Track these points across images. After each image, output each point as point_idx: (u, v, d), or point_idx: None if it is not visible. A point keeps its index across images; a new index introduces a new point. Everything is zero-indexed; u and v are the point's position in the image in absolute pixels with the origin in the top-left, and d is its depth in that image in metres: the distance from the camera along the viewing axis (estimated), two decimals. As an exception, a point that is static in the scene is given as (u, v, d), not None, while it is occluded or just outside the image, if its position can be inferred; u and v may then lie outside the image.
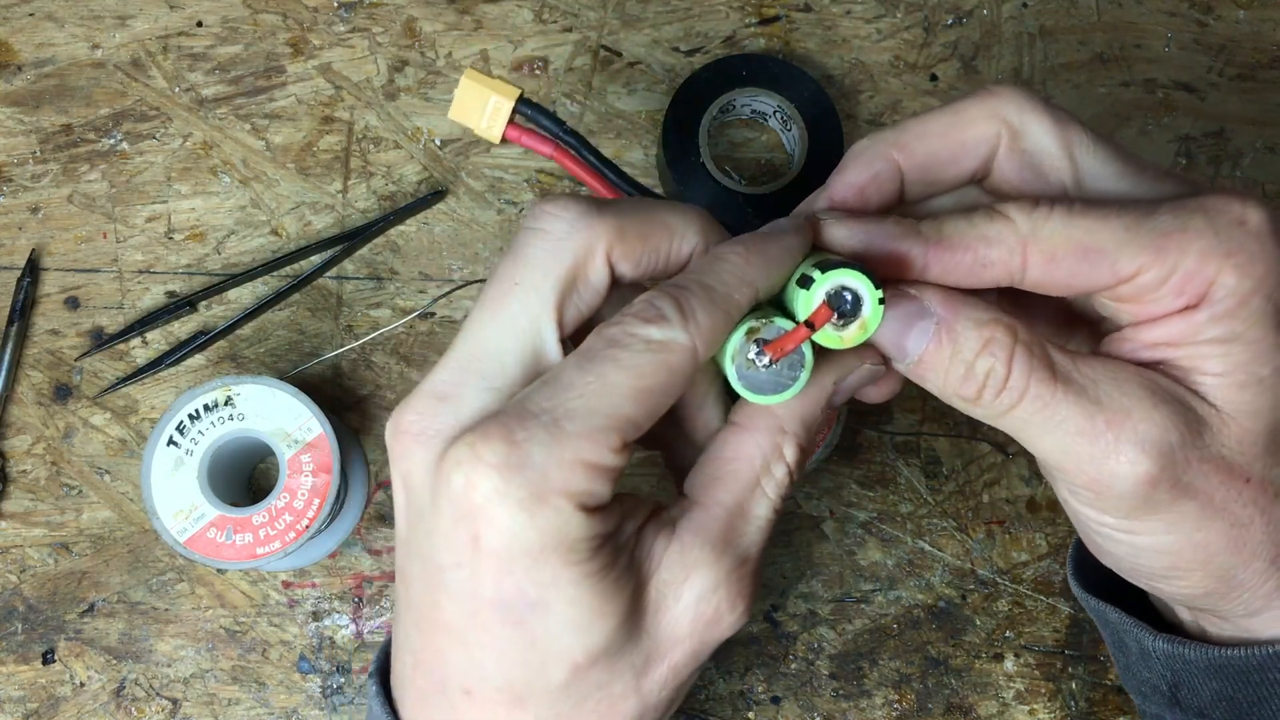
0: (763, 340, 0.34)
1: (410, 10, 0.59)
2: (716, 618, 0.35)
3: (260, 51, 0.58)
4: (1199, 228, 0.33)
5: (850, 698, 0.56)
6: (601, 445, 0.32)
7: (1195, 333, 0.34)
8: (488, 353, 0.34)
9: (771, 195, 0.55)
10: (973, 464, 0.57)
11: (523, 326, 0.34)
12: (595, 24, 0.59)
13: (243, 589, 0.55)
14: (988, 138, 0.37)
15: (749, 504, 0.36)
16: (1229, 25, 0.60)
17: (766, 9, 0.60)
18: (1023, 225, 0.34)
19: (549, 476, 0.32)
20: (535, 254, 0.34)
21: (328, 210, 0.58)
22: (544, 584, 0.33)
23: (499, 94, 0.43)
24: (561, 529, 0.32)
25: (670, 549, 0.35)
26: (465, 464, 0.32)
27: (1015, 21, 0.60)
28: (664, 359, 0.33)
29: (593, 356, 0.33)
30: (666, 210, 0.36)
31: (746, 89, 0.56)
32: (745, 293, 0.34)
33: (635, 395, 0.33)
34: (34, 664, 0.55)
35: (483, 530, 0.32)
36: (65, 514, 0.55)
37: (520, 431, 0.32)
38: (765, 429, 0.36)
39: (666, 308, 0.33)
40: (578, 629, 0.33)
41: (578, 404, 0.32)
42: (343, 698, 0.55)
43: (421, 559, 0.34)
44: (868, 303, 0.34)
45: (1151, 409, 0.34)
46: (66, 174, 0.57)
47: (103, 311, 0.57)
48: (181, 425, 0.50)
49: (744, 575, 0.36)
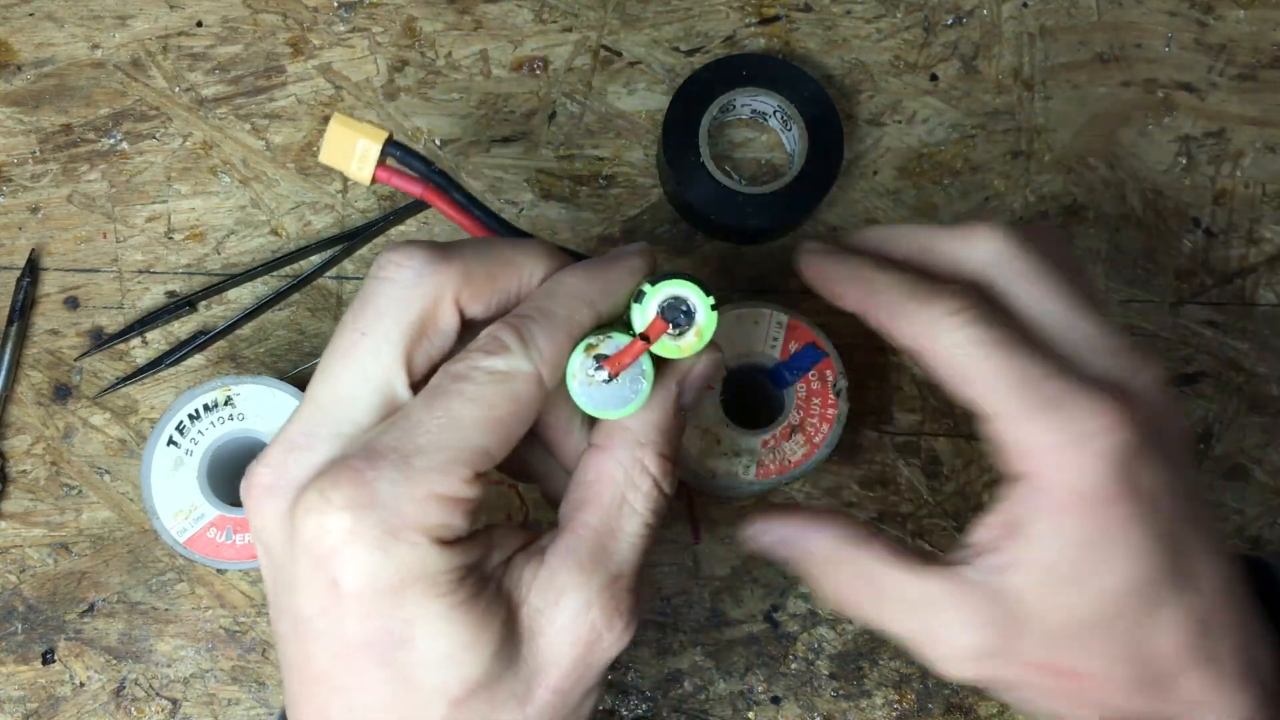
0: (601, 356, 0.35)
1: (410, 10, 0.59)
2: (594, 637, 0.35)
3: (260, 51, 0.58)
4: (1053, 424, 0.36)
5: (850, 698, 0.56)
6: (453, 478, 0.33)
7: (1013, 529, 0.37)
8: (338, 402, 0.35)
9: (772, 195, 0.55)
10: (973, 464, 0.57)
11: (372, 375, 0.35)
12: (595, 24, 0.59)
13: (243, 589, 0.55)
14: (959, 273, 0.40)
15: (616, 521, 0.36)
16: (1229, 25, 0.60)
17: (767, 9, 0.60)
18: (927, 328, 0.38)
19: (401, 512, 0.32)
20: (383, 302, 0.35)
21: (328, 210, 0.58)
22: (409, 620, 0.33)
23: (367, 137, 0.42)
24: (419, 563, 0.32)
25: (539, 575, 0.35)
26: (316, 509, 0.32)
27: (1015, 21, 0.60)
28: (510, 388, 0.34)
29: (439, 393, 0.34)
30: (511, 248, 0.37)
31: (746, 89, 0.56)
32: (585, 314, 0.36)
33: (484, 426, 0.33)
34: (34, 664, 0.55)
35: (340, 572, 0.32)
36: (65, 514, 0.55)
37: (369, 471, 0.32)
38: (622, 444, 0.37)
39: (508, 338, 0.34)
40: (450, 662, 0.33)
41: (426, 439, 0.33)
42: (342, 698, 0.55)
43: (290, 613, 0.35)
44: (700, 310, 0.36)
45: (961, 628, 0.38)
46: (66, 174, 0.57)
47: (102, 311, 0.57)
48: (181, 425, 0.50)
49: (618, 592, 0.36)
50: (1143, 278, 0.58)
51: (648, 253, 0.38)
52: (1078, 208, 0.58)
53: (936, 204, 0.59)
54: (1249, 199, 0.59)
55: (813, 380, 0.48)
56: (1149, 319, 0.58)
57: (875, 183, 0.59)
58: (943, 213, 0.58)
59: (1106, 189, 0.59)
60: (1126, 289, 0.58)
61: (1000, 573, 0.38)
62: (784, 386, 0.49)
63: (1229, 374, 0.58)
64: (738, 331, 0.48)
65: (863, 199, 0.59)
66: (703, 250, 0.58)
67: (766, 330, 0.48)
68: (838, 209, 0.58)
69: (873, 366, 0.57)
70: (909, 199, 0.59)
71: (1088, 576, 0.37)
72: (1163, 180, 0.59)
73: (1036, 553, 0.37)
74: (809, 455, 0.48)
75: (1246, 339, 0.58)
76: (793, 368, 0.48)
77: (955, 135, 0.59)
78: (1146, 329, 0.58)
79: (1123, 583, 0.37)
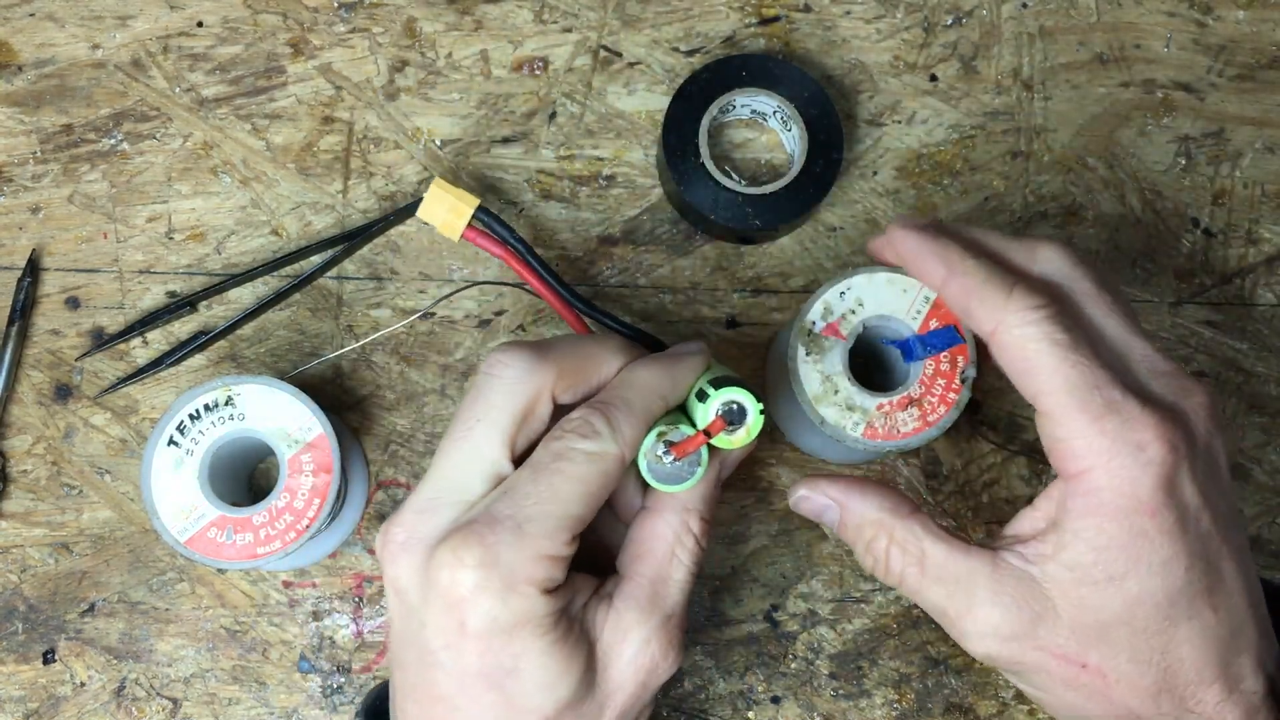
0: (669, 442, 0.43)
1: (410, 10, 0.59)
2: (653, 666, 0.43)
3: (260, 52, 0.59)
4: (1109, 430, 0.39)
5: (850, 697, 0.56)
6: (556, 541, 0.40)
7: (1056, 524, 0.40)
8: (457, 475, 0.42)
9: (771, 195, 0.55)
10: (972, 464, 0.57)
11: (485, 455, 0.42)
12: (595, 24, 0.59)
13: (243, 589, 0.55)
14: None
15: (667, 572, 0.44)
16: (1228, 25, 0.60)
17: (766, 9, 0.60)
18: (1005, 315, 0.40)
19: (516, 570, 0.40)
20: (493, 396, 0.42)
21: (328, 210, 0.58)
22: (517, 654, 0.40)
23: (462, 201, 0.51)
24: (529, 609, 0.40)
25: (610, 616, 0.43)
26: (449, 565, 0.40)
27: (1015, 22, 0.60)
28: (600, 467, 0.41)
29: (543, 469, 0.41)
30: (596, 345, 0.45)
31: (746, 89, 0.56)
32: (658, 404, 0.44)
33: (580, 498, 0.41)
34: (34, 664, 0.55)
35: (467, 616, 0.40)
36: (66, 514, 0.56)
37: (490, 536, 0.40)
38: (672, 509, 0.45)
39: (599, 424, 0.42)
40: (546, 688, 0.41)
41: (534, 510, 0.40)
42: (343, 697, 0.55)
43: (416, 646, 0.41)
44: (751, 413, 0.44)
45: (991, 606, 0.41)
46: (67, 174, 0.57)
47: (103, 311, 0.57)
48: (182, 425, 0.50)
49: (670, 629, 0.43)
50: (1142, 278, 0.59)
51: (706, 353, 0.47)
52: (1077, 208, 0.58)
53: (936, 204, 0.59)
54: (1248, 199, 0.59)
55: (942, 361, 0.49)
56: (1148, 319, 0.58)
57: (875, 183, 0.59)
58: (942, 213, 0.58)
59: (1106, 189, 0.59)
60: (1126, 289, 0.58)
61: (1038, 562, 0.41)
62: (911, 360, 0.49)
63: (1228, 374, 0.58)
64: (885, 294, 0.49)
65: (862, 199, 0.59)
66: (702, 250, 0.58)
67: (913, 301, 0.49)
68: (837, 209, 0.58)
69: (872, 366, 0.57)
70: (908, 199, 0.59)
71: (1121, 579, 0.39)
72: (1162, 180, 0.59)
73: (1076, 549, 0.40)
74: (919, 431, 0.49)
75: (1245, 339, 0.58)
76: (928, 344, 0.49)
77: (955, 135, 0.59)
78: (1146, 329, 0.58)
79: (1154, 591, 0.39)
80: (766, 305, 0.58)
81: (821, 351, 0.49)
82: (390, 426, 0.57)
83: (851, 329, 0.49)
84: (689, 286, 0.58)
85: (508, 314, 0.57)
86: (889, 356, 0.52)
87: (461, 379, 0.57)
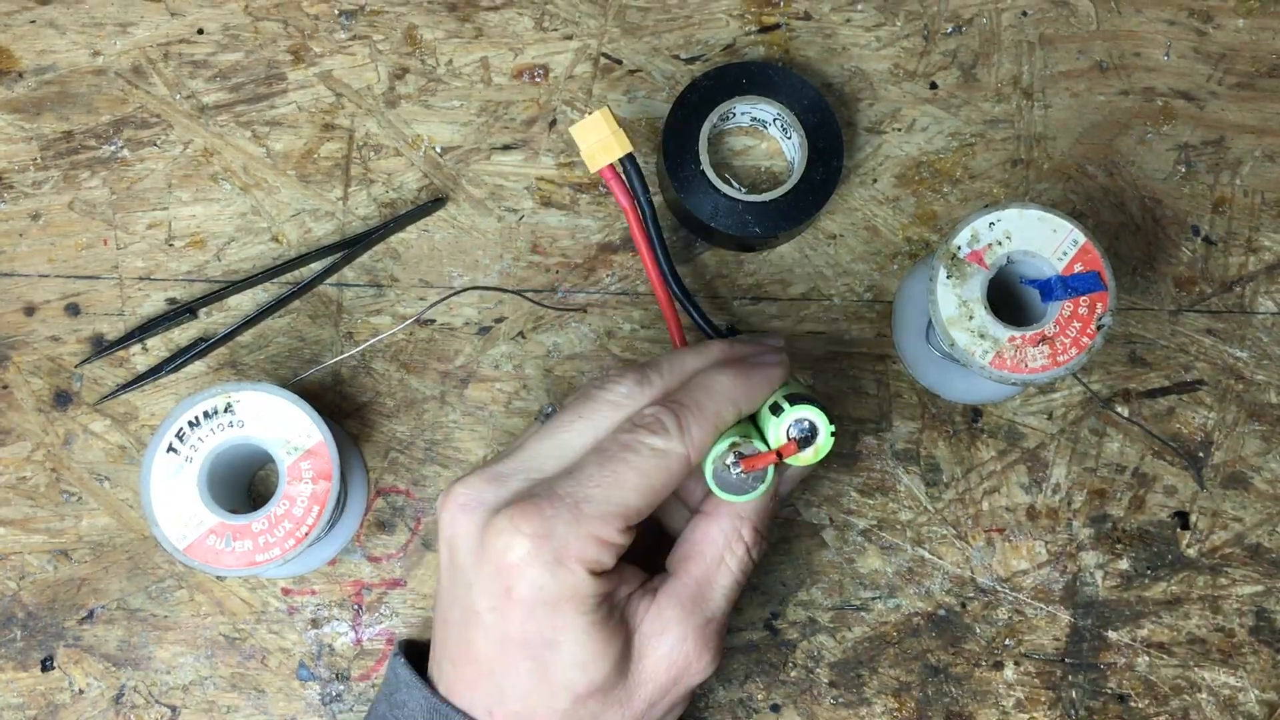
0: (740, 454, 0.44)
1: (411, 18, 0.59)
2: (687, 664, 0.44)
3: (261, 59, 0.59)
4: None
5: (850, 706, 0.55)
6: (611, 527, 0.42)
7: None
8: (536, 458, 0.44)
9: (771, 203, 0.55)
10: (972, 472, 0.57)
11: (570, 445, 0.44)
12: (595, 31, 0.59)
13: (242, 596, 0.55)
14: None
15: (714, 576, 0.45)
16: (1228, 34, 0.60)
17: (766, 17, 0.60)
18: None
19: (569, 546, 0.41)
20: (599, 406, 0.45)
21: (328, 217, 0.58)
22: (558, 627, 0.42)
23: (617, 140, 0.50)
24: (575, 586, 0.41)
25: (651, 609, 0.44)
26: (506, 532, 0.41)
27: (1014, 30, 0.60)
28: (664, 464, 0.43)
29: (609, 457, 0.43)
30: (694, 358, 0.47)
31: (746, 97, 0.56)
32: (731, 412, 0.45)
33: (639, 490, 0.42)
34: (33, 671, 0.55)
35: (515, 583, 0.41)
36: (65, 521, 0.55)
37: (549, 509, 0.41)
38: (727, 517, 0.46)
39: (669, 422, 0.43)
40: (581, 665, 0.42)
41: (594, 492, 0.42)
42: (342, 705, 0.55)
43: (461, 605, 0.43)
44: (822, 433, 0.45)
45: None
46: (67, 181, 0.57)
47: (103, 318, 0.57)
48: (181, 432, 0.50)
49: (710, 633, 0.45)
50: (1142, 285, 0.59)
51: (785, 364, 0.47)
52: (1077, 215, 0.58)
53: (936, 212, 0.59)
54: (1248, 207, 0.59)
55: (1081, 304, 0.49)
56: (1148, 327, 0.58)
57: (874, 190, 0.59)
58: (942, 221, 0.58)
59: (1105, 197, 0.59)
60: (1126, 297, 0.58)
61: None
62: (1050, 299, 0.50)
63: (1228, 382, 0.58)
64: (1035, 230, 0.50)
65: (862, 207, 0.59)
66: (702, 257, 0.58)
67: (1060, 242, 0.50)
68: (837, 217, 0.59)
69: (873, 373, 0.57)
70: (908, 207, 0.59)
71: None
72: (1162, 188, 0.59)
73: None
74: (1047, 369, 0.49)
75: (1245, 347, 0.58)
76: (1070, 286, 0.49)
77: (954, 143, 0.59)
78: (1146, 337, 0.58)
79: None
80: (766, 312, 0.58)
81: (962, 277, 0.50)
82: (390, 433, 0.57)
83: (995, 259, 0.50)
84: (689, 294, 0.58)
85: (507, 321, 0.57)
86: (1024, 297, 0.52)
87: (461, 386, 0.57)
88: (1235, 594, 0.57)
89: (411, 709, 0.45)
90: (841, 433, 0.55)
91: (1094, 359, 0.55)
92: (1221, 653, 0.56)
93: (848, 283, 0.58)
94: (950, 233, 0.50)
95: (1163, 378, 0.58)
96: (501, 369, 0.57)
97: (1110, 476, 0.57)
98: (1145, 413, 0.58)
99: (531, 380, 0.57)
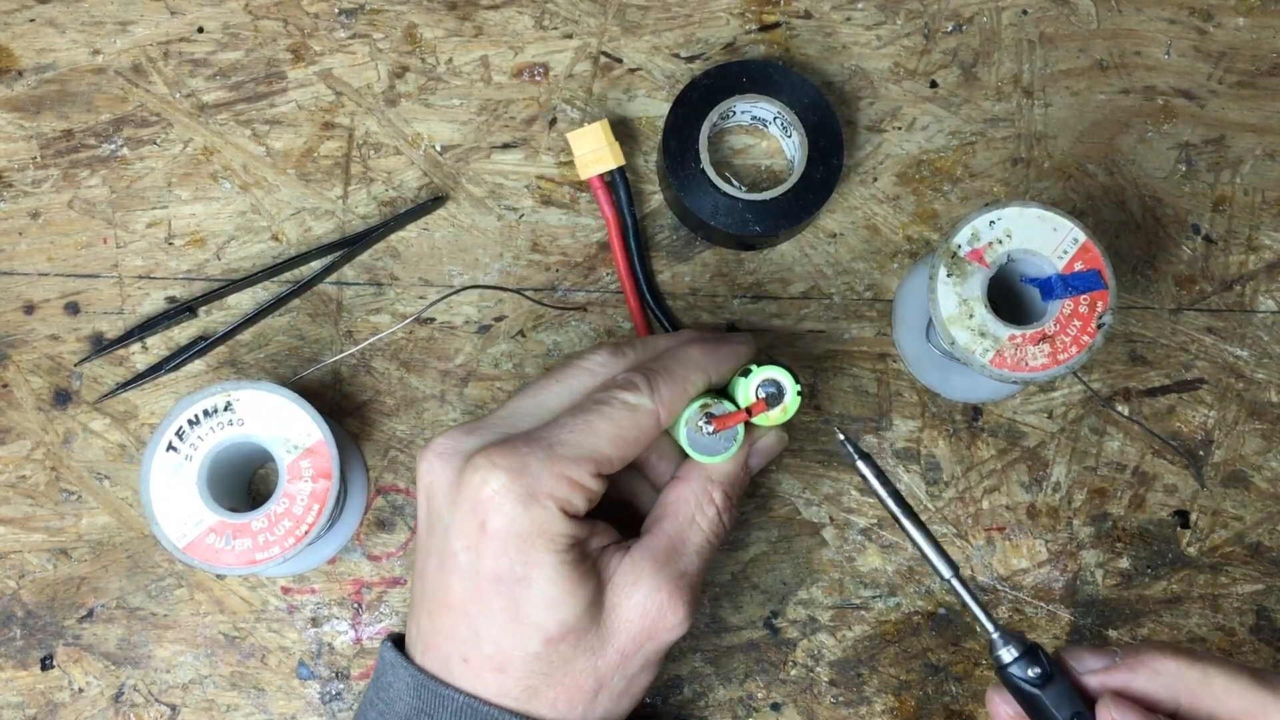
0: (711, 414, 0.47)
1: (411, 16, 0.59)
2: (660, 615, 0.45)
3: (261, 57, 0.59)
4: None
5: (850, 704, 0.55)
6: (582, 469, 0.44)
7: None
8: (520, 414, 0.46)
9: (771, 201, 0.55)
10: (972, 470, 0.57)
11: (547, 405, 0.47)
12: (595, 30, 0.59)
13: (242, 595, 0.55)
14: None
15: (686, 533, 0.47)
16: (1229, 32, 0.60)
17: (767, 15, 0.60)
18: None
19: (542, 482, 0.43)
20: (577, 373, 0.47)
21: (328, 216, 0.58)
22: (530, 563, 0.43)
23: (611, 153, 0.55)
24: (547, 522, 0.43)
25: (625, 561, 0.46)
26: (482, 468, 0.43)
27: (1015, 29, 0.60)
28: (635, 417, 0.45)
29: (583, 409, 0.45)
30: (666, 342, 0.49)
31: (747, 95, 0.56)
32: (700, 379, 0.47)
33: (611, 439, 0.45)
34: (33, 669, 0.55)
35: (489, 517, 0.43)
36: (64, 519, 0.55)
37: (524, 448, 0.44)
38: (699, 479, 0.48)
39: (640, 381, 0.46)
40: (551, 604, 0.43)
41: (568, 437, 0.44)
42: (341, 704, 0.55)
43: (438, 552, 0.45)
44: (789, 393, 0.47)
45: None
46: (67, 179, 0.57)
47: (103, 317, 0.57)
48: (181, 431, 0.49)
49: (683, 585, 0.46)
50: (1142, 284, 0.58)
51: (752, 343, 0.51)
52: (1077, 214, 0.58)
53: (936, 211, 0.59)
54: (1248, 206, 0.59)
55: (1081, 303, 0.49)
56: (1148, 325, 0.58)
57: (875, 189, 0.59)
58: (942, 219, 0.58)
59: (1106, 195, 0.59)
60: (1126, 295, 0.58)
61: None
62: (1051, 298, 0.50)
63: (1228, 380, 0.58)
64: (1035, 229, 0.50)
65: (862, 205, 0.59)
66: (702, 256, 0.58)
67: (1060, 241, 0.50)
68: (837, 216, 0.58)
69: (873, 372, 0.57)
70: (908, 205, 0.59)
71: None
72: (1162, 187, 0.59)
73: None
74: (1047, 367, 0.49)
75: (1245, 345, 0.58)
76: (1070, 284, 0.49)
77: (955, 142, 0.59)
78: (1146, 335, 0.58)
79: None
80: (766, 311, 0.58)
81: (963, 275, 0.50)
82: (390, 432, 0.57)
83: (996, 258, 0.50)
84: (689, 292, 0.58)
85: (507, 319, 0.57)
86: (1025, 296, 0.52)
87: (461, 384, 0.57)
88: (1235, 593, 0.57)
89: (398, 689, 0.45)
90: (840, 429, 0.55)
91: (1094, 358, 0.55)
92: (1222, 651, 0.56)
93: (848, 281, 0.58)
94: (950, 231, 0.50)
95: (1163, 376, 0.58)
96: (501, 368, 0.57)
97: (1110, 475, 0.57)
98: (1145, 411, 0.58)
99: (531, 379, 0.57)
